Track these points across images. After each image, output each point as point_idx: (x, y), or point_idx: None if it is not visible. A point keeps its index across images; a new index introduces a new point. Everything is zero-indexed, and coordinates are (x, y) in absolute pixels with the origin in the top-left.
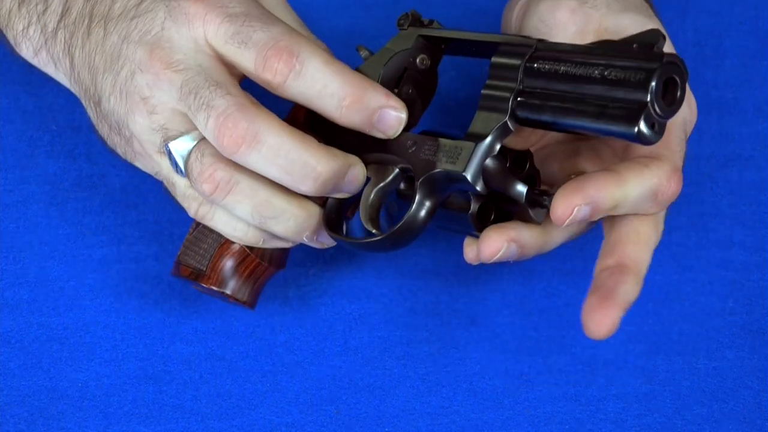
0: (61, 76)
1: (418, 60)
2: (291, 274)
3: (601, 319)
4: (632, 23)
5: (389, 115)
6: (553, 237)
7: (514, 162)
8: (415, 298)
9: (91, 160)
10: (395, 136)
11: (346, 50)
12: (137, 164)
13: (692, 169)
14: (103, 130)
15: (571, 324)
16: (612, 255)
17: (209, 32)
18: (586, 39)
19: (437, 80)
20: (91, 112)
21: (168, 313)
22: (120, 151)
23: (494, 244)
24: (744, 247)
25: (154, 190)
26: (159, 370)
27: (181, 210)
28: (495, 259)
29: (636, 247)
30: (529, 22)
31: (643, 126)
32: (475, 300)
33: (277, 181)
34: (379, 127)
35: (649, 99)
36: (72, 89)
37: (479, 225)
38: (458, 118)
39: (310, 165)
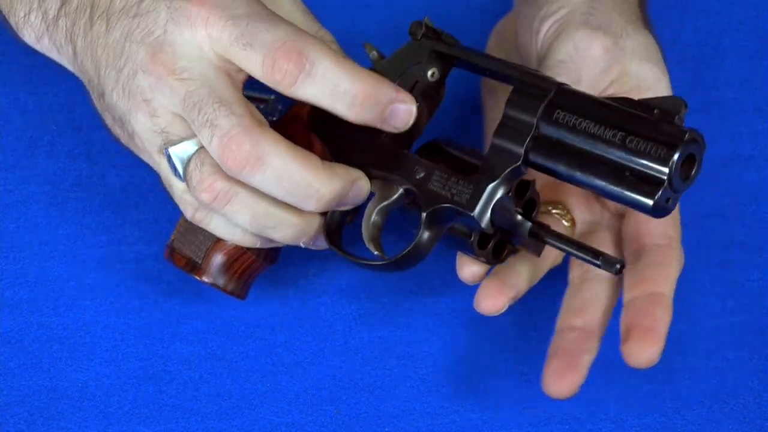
0: (65, 62)
1: (429, 73)
2: (291, 274)
3: (564, 386)
4: (651, 75)
5: (400, 110)
6: (541, 272)
7: (517, 187)
8: (416, 297)
9: (91, 160)
10: (406, 129)
11: (346, 50)
12: (138, 155)
13: None
14: (107, 119)
15: None
16: (580, 315)
17: (213, 35)
18: (609, 77)
19: (444, 91)
20: (96, 102)
21: (168, 313)
22: (123, 142)
23: (495, 304)
24: (744, 247)
25: (154, 190)
26: (159, 370)
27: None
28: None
29: (608, 313)
30: (561, 46)
31: (659, 200)
32: None
33: (279, 199)
34: (391, 122)
35: (667, 176)
36: (77, 75)
37: (480, 251)
38: (455, 121)
39: (314, 187)
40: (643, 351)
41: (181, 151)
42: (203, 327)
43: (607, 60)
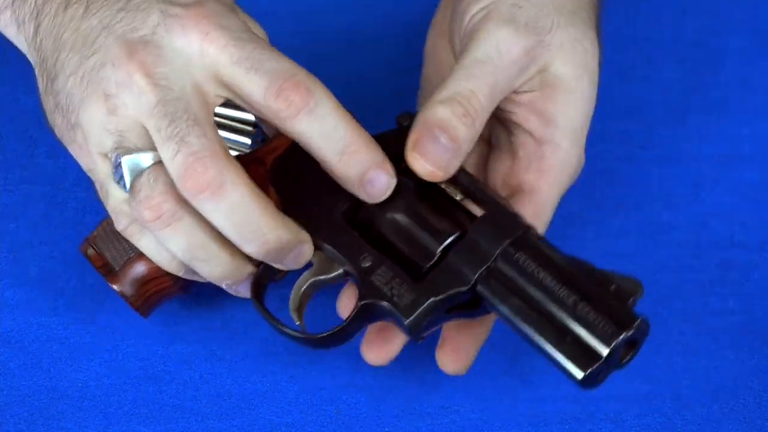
0: (21, 40)
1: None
2: (290, 275)
3: (380, 353)
4: (571, 73)
5: (382, 178)
6: None
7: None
8: None
9: None
10: (379, 200)
11: (347, 51)
12: (70, 151)
13: (692, 169)
14: (49, 105)
15: None
16: None
17: (210, 51)
18: (526, 76)
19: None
20: (41, 83)
21: (168, 313)
22: (57, 132)
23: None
24: (744, 247)
25: None
26: (159, 370)
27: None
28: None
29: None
30: (482, 44)
31: (591, 373)
32: None
33: (223, 232)
34: (366, 188)
35: (606, 355)
36: (28, 55)
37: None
38: None
39: (262, 230)
40: (452, 364)
41: (136, 161)
42: (203, 327)
43: (526, 62)
